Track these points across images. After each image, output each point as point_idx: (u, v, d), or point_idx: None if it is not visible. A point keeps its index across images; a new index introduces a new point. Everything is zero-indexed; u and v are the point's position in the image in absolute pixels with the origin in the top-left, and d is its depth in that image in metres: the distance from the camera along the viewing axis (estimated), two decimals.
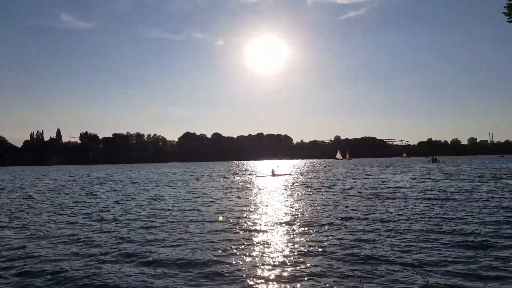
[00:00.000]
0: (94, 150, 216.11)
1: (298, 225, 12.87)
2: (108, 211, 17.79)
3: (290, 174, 50.10)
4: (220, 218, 14.69)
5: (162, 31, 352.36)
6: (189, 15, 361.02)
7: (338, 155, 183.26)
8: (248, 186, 32.03)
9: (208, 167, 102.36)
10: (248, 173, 60.37)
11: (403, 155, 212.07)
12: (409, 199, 19.60)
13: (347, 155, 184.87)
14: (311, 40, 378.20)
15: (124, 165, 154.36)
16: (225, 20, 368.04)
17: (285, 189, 27.69)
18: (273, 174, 47.09)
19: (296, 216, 14.84)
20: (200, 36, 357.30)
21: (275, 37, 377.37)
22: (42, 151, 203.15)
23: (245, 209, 17.31)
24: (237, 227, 12.70)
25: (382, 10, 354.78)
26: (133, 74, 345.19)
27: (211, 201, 20.68)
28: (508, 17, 32.08)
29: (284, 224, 13.12)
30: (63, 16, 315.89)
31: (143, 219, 15.05)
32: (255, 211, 16.46)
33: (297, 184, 32.94)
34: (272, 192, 25.51)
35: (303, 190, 26.75)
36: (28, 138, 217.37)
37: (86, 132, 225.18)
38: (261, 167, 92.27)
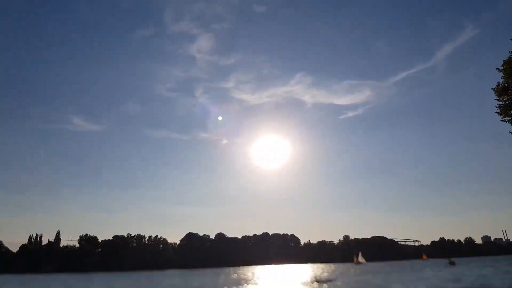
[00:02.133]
0: (92, 254, 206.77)
1: None
2: None
3: (335, 280, 46.50)
4: None
5: (169, 131, 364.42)
6: (195, 117, 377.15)
7: (361, 258, 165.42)
8: None
9: (210, 277, 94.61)
10: None
11: (424, 257, 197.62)
12: None
13: (360, 257, 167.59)
14: (313, 138, 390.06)
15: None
16: (229, 121, 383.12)
17: None
18: (316, 281, 44.10)
19: None
20: (205, 136, 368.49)
21: (278, 136, 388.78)
22: (39, 257, 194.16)
23: None
24: None
25: (381, 110, 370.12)
26: (137, 174, 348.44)
27: None
28: (501, 116, 30.78)
29: None
30: (75, 120, 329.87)
31: None
32: None
33: None
34: None
35: None
36: (26, 241, 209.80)
37: (86, 234, 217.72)
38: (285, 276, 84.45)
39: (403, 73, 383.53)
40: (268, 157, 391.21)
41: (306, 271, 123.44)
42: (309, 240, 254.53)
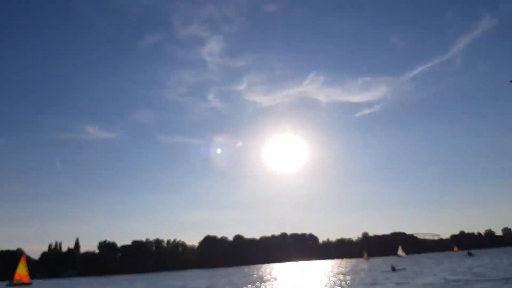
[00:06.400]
0: (112, 259, 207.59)
1: None
2: None
3: (405, 269, 55.60)
4: None
5: (183, 136, 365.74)
6: (209, 121, 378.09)
7: (401, 252, 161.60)
8: None
9: (238, 275, 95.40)
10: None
11: (454, 249, 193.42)
12: None
13: (400, 251, 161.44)
14: (329, 137, 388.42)
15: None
16: (243, 124, 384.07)
17: None
18: (393, 270, 53.38)
19: None
20: (219, 140, 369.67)
21: (293, 136, 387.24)
22: (60, 263, 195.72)
23: None
24: None
25: (397, 106, 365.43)
26: (152, 180, 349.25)
27: None
28: None
29: None
30: (88, 128, 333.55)
31: None
32: None
33: None
34: None
35: None
36: (46, 249, 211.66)
37: (105, 240, 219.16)
38: (299, 271, 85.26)
39: (419, 68, 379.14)
40: (284, 158, 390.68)
41: (328, 266, 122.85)
42: (327, 238, 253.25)
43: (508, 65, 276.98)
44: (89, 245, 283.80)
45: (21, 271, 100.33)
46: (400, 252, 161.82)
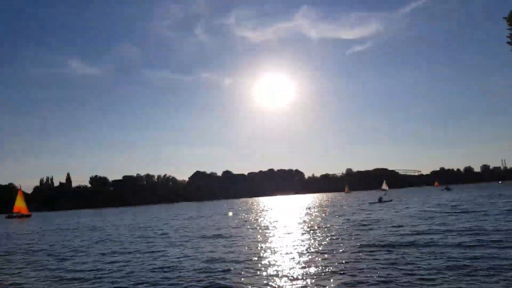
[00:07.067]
0: (103, 193, 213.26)
1: None
2: None
3: (391, 200, 61.26)
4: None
5: (170, 73, 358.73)
6: (196, 57, 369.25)
7: (384, 186, 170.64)
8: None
9: (229, 206, 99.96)
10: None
11: (436, 184, 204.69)
12: None
13: (384, 185, 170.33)
14: (319, 75, 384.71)
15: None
16: (232, 60, 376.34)
17: None
18: (380, 201, 58.21)
19: None
20: (207, 76, 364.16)
21: (282, 74, 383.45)
22: (53, 196, 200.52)
23: None
24: None
25: (388, 43, 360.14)
26: (141, 116, 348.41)
27: None
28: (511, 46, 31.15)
29: None
30: (71, 63, 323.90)
31: None
32: None
33: None
34: None
35: None
36: (38, 184, 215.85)
37: (96, 175, 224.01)
38: (280, 202, 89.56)
39: (414, 4, 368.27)
40: (273, 96, 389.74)
41: (313, 199, 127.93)
42: (313, 174, 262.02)
43: (504, 2, 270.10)
44: (80, 180, 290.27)
45: (19, 203, 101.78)
46: (384, 186, 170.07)
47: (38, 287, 12.87)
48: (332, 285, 10.53)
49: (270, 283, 11.14)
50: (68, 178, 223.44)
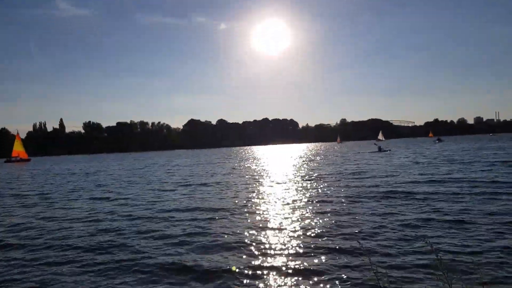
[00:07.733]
0: (97, 139, 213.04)
1: None
2: None
3: (390, 150, 62.19)
4: None
5: (162, 16, 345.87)
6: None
7: (380, 136, 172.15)
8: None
9: (225, 155, 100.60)
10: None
11: (430, 135, 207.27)
12: None
13: (380, 135, 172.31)
14: (316, 22, 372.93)
15: None
16: (227, 4, 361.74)
17: None
18: (379, 150, 59.59)
19: None
20: (202, 20, 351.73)
21: (278, 20, 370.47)
22: (46, 142, 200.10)
23: None
24: None
25: None
26: (135, 62, 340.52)
27: None
28: None
29: None
30: (60, 4, 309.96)
31: None
32: None
33: None
34: None
35: None
36: (31, 129, 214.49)
37: (90, 121, 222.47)
38: (274, 152, 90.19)
39: None
40: (268, 42, 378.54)
41: (305, 149, 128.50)
42: (307, 124, 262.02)
43: None
44: (74, 126, 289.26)
45: (18, 148, 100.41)
46: (380, 136, 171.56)
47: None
48: (319, 230, 10.26)
49: (251, 232, 10.88)
50: (62, 124, 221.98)
